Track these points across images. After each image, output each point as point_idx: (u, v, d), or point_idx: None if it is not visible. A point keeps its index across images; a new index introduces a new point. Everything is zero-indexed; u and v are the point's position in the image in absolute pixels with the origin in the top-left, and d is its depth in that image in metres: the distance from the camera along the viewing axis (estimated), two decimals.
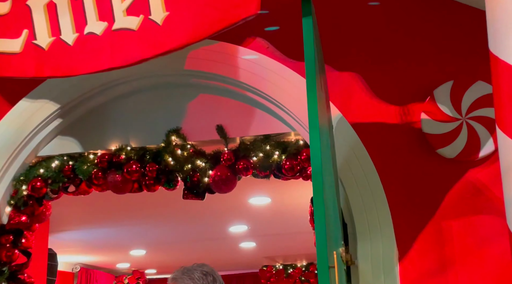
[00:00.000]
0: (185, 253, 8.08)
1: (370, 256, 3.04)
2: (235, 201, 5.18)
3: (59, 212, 5.44)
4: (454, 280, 2.93)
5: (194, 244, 7.34)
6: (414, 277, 2.99)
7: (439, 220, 3.02)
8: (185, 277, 2.29)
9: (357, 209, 3.11)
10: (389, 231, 3.05)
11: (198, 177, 3.41)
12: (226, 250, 7.92)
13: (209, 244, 7.39)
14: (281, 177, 3.41)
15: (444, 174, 3.04)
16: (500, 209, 2.14)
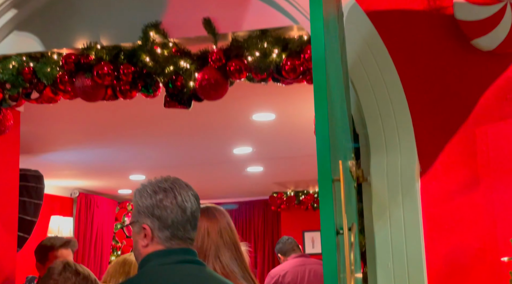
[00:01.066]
0: (188, 178, 7.67)
1: (385, 171, 2.53)
2: (237, 118, 4.69)
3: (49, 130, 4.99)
4: (486, 198, 2.42)
5: (198, 168, 6.92)
6: (438, 195, 2.48)
7: (472, 127, 2.47)
8: (136, 193, 1.85)
9: (371, 116, 2.57)
10: (409, 141, 2.52)
11: (182, 81, 2.87)
12: (233, 175, 7.51)
13: (214, 168, 6.97)
14: (281, 80, 2.87)
15: (480, 70, 2.48)
16: None
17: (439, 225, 2.44)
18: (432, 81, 2.54)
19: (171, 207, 1.83)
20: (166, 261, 1.80)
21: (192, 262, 1.84)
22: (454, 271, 2.39)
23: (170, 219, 1.82)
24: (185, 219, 1.83)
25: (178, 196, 1.83)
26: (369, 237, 2.52)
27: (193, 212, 1.85)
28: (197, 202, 1.89)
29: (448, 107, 2.51)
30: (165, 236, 1.83)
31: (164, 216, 1.83)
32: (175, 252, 1.83)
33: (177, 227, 1.83)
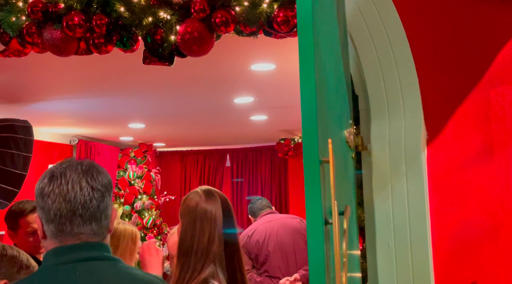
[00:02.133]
0: (191, 126, 7.45)
1: (387, 139, 2.25)
2: (236, 68, 4.37)
3: (38, 78, 4.72)
4: (501, 169, 2.14)
5: (199, 117, 6.66)
6: (447, 165, 2.20)
7: (487, 87, 2.17)
8: None
9: (371, 76, 2.27)
10: (415, 104, 2.23)
11: (162, 34, 2.56)
12: (236, 124, 7.24)
13: (216, 117, 6.70)
14: (272, 33, 2.55)
15: (498, 22, 2.15)
16: None
17: (447, 199, 2.18)
18: (442, 35, 2.22)
19: (52, 197, 1.52)
20: (62, 259, 1.53)
21: (99, 258, 1.56)
22: (463, 251, 2.14)
23: (52, 211, 1.52)
24: (71, 211, 1.51)
25: (65, 183, 1.51)
26: (369, 211, 2.27)
27: (85, 202, 1.52)
28: (96, 191, 1.55)
29: (460, 66, 2.19)
30: (51, 231, 1.53)
31: (46, 207, 1.53)
32: (75, 248, 1.54)
33: (61, 220, 1.52)
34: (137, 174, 9.05)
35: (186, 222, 2.17)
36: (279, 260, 4.44)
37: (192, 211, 2.18)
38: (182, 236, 2.16)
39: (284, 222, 4.60)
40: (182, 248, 2.15)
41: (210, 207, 2.21)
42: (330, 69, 1.91)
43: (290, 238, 4.47)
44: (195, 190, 2.31)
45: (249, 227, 4.81)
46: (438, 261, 2.14)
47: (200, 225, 2.15)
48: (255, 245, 4.50)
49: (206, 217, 2.18)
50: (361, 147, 2.29)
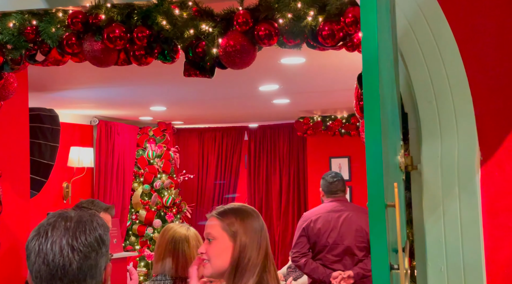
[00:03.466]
0: (210, 108, 7.40)
1: (439, 159, 2.19)
2: (266, 62, 4.30)
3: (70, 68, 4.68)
4: None
5: (221, 102, 6.60)
6: (502, 187, 2.16)
7: None
8: None
9: (423, 94, 2.21)
10: (468, 124, 2.17)
11: (204, 46, 2.50)
12: (258, 107, 7.18)
13: (238, 102, 6.65)
14: (316, 46, 2.48)
15: None
16: None
17: (502, 222, 2.14)
18: (497, 54, 2.14)
19: (33, 257, 1.40)
20: None
21: None
22: None
23: (33, 272, 1.41)
24: (50, 274, 1.39)
25: (45, 242, 1.39)
26: (418, 232, 2.24)
27: (63, 265, 1.39)
28: (77, 252, 1.41)
29: None
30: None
31: (29, 266, 1.42)
32: None
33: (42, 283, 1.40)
34: (156, 153, 9.05)
35: (248, 243, 2.12)
36: (335, 254, 4.41)
37: (257, 232, 2.15)
38: (240, 255, 2.12)
39: (350, 217, 4.45)
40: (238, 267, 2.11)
41: (262, 223, 2.20)
42: (388, 97, 1.86)
43: (352, 236, 4.39)
44: (245, 209, 2.21)
45: (314, 209, 4.65)
46: None
47: (262, 244, 2.13)
48: (317, 233, 4.42)
49: (266, 235, 2.17)
50: (411, 167, 2.24)
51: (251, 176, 10.14)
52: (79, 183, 7.40)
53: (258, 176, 10.13)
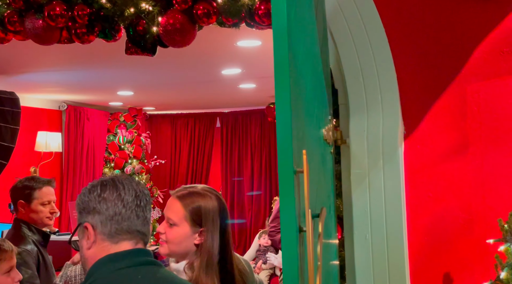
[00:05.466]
0: (179, 93, 7.45)
1: (366, 134, 2.30)
2: (222, 45, 4.37)
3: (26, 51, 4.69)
4: (476, 164, 2.21)
5: (188, 86, 6.66)
6: (423, 159, 2.27)
7: (462, 84, 2.21)
8: (79, 195, 1.65)
9: (351, 72, 2.30)
10: (393, 100, 2.27)
11: (144, 25, 2.56)
12: (225, 91, 7.25)
13: (204, 86, 6.71)
14: (254, 25, 2.56)
15: (474, 21, 2.17)
16: None
17: (423, 193, 2.25)
18: (420, 32, 2.24)
19: (111, 199, 1.62)
20: (119, 265, 1.61)
21: (149, 263, 1.65)
22: (438, 243, 2.23)
23: (111, 210, 1.62)
24: (129, 210, 1.62)
25: (119, 186, 1.62)
26: (347, 203, 2.34)
27: (139, 202, 1.63)
28: (143, 192, 1.66)
29: (438, 62, 2.23)
30: (109, 231, 1.63)
31: (104, 208, 1.62)
32: (129, 254, 1.63)
33: (119, 219, 1.61)
34: (127, 138, 9.08)
35: (209, 227, 2.07)
36: None
37: (218, 215, 2.09)
38: (211, 245, 2.07)
39: None
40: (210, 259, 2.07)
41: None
42: (307, 72, 1.94)
43: None
44: (206, 193, 2.14)
45: None
46: (413, 253, 2.23)
47: (222, 226, 2.10)
48: None
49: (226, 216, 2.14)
50: (340, 141, 2.34)
51: (224, 161, 10.22)
52: (47, 168, 7.42)
53: (231, 161, 10.22)
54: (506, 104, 2.16)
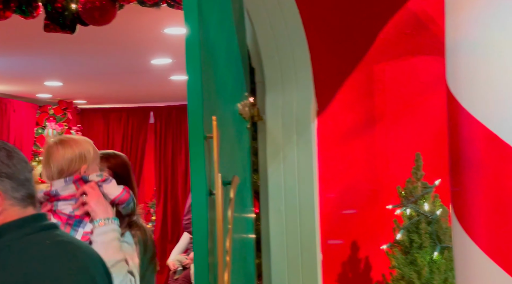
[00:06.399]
0: (110, 85, 7.37)
1: (281, 110, 2.39)
2: (148, 32, 4.37)
3: None
4: (383, 137, 2.35)
5: (118, 77, 6.60)
6: (335, 135, 2.39)
7: (370, 64, 2.34)
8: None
9: (267, 51, 2.39)
10: (306, 78, 2.37)
11: (63, 2, 2.57)
12: (156, 83, 7.22)
13: (134, 77, 6.67)
14: (175, 5, 2.61)
15: (380, 4, 2.30)
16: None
17: (334, 166, 2.37)
18: (332, 14, 2.35)
19: (18, 164, 1.62)
20: (27, 231, 1.60)
21: (50, 227, 1.67)
22: (346, 214, 2.35)
23: (22, 175, 1.62)
24: (30, 174, 1.59)
25: (17, 151, 1.62)
26: (263, 178, 2.43)
27: (29, 167, 1.62)
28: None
29: (347, 43, 2.35)
30: (21, 196, 1.63)
31: (16, 173, 1.62)
32: (34, 219, 1.63)
33: (28, 184, 1.62)
34: (57, 132, 8.90)
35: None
36: None
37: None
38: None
39: None
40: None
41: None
42: (221, 47, 2.02)
43: None
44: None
45: None
46: (324, 223, 2.34)
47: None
48: None
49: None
50: (257, 117, 2.42)
51: (158, 157, 10.16)
52: None
53: (164, 156, 10.17)
54: (408, 83, 2.30)
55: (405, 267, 1.97)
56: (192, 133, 1.70)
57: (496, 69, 1.41)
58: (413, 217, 2.01)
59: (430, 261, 1.96)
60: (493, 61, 1.41)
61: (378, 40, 2.31)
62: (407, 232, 2.00)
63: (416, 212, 2.01)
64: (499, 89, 1.40)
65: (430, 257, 1.96)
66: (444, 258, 1.95)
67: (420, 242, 1.98)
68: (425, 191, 2.02)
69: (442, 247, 1.96)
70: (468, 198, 1.46)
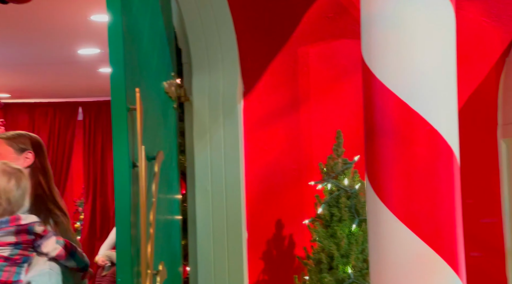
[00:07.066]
0: (35, 77, 7.16)
1: (207, 91, 2.42)
2: (74, 19, 4.28)
3: None
4: (307, 117, 2.42)
5: (43, 68, 6.42)
6: (261, 115, 2.44)
7: (294, 47, 2.41)
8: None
9: (193, 31, 2.41)
10: (232, 60, 2.41)
11: None
12: (83, 76, 7.06)
13: (60, 68, 6.50)
14: None
15: None
16: None
17: (259, 147, 2.42)
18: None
19: None
20: None
21: None
22: (272, 192, 2.41)
23: None
24: None
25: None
26: (190, 158, 2.45)
27: None
28: None
29: (273, 26, 2.41)
30: None
31: None
32: None
33: None
34: None
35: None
36: None
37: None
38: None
39: None
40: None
41: None
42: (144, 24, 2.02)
43: None
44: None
45: None
46: (250, 202, 2.39)
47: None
48: None
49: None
50: (184, 98, 2.44)
51: (86, 154, 9.93)
52: None
53: (94, 153, 9.95)
54: (331, 65, 2.38)
55: (326, 240, 2.04)
56: (115, 104, 1.71)
57: (407, 41, 1.49)
58: (333, 192, 2.09)
59: (349, 233, 2.04)
60: (404, 34, 1.49)
61: (302, 24, 2.38)
62: (328, 207, 2.08)
63: (336, 187, 2.09)
64: (409, 59, 1.48)
65: (349, 229, 2.04)
66: (362, 230, 2.03)
67: (340, 215, 2.06)
68: (345, 167, 2.11)
69: (360, 219, 2.04)
70: (381, 165, 1.53)
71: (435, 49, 1.50)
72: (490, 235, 2.26)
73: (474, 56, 2.29)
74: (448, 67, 1.52)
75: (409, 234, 1.51)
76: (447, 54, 1.52)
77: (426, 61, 1.49)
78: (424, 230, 1.49)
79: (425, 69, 1.49)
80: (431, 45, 1.49)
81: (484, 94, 2.30)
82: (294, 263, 2.34)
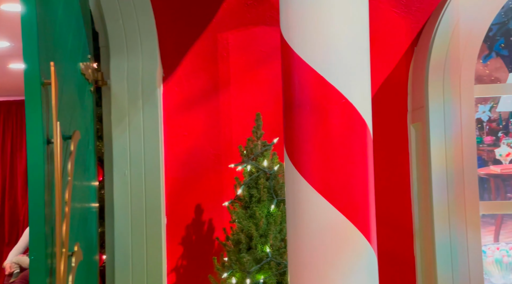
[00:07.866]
0: None
1: (126, 75, 2.38)
2: None
3: None
4: (226, 102, 2.44)
5: None
6: (180, 100, 2.43)
7: (214, 32, 2.42)
8: None
9: (110, 14, 2.37)
10: (152, 44, 2.39)
11: None
12: None
13: None
14: None
15: None
16: None
17: (179, 132, 2.41)
18: None
19: None
20: None
21: None
22: (191, 177, 2.41)
23: None
24: None
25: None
26: (108, 144, 2.40)
27: None
28: None
29: (193, 11, 2.42)
30: None
31: None
32: None
33: None
34: None
35: None
36: None
37: None
38: None
39: None
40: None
41: None
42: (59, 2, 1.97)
43: None
44: None
45: None
46: (169, 187, 2.37)
47: None
48: None
49: None
50: (101, 82, 2.39)
51: None
52: None
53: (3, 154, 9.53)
54: (250, 50, 2.42)
55: (245, 221, 2.06)
56: (28, 77, 1.65)
57: (323, 18, 1.54)
58: (253, 173, 2.11)
59: (267, 213, 2.07)
60: (321, 11, 1.54)
61: (221, 10, 2.40)
62: (247, 188, 2.10)
63: (256, 168, 2.11)
64: (325, 34, 1.53)
65: (268, 210, 2.07)
66: (280, 210, 2.07)
67: (259, 196, 2.08)
68: (264, 149, 2.14)
69: (279, 200, 2.08)
70: (299, 137, 1.57)
71: (350, 27, 1.56)
72: (400, 215, 2.36)
73: (385, 45, 2.39)
74: (361, 44, 1.58)
75: (325, 204, 1.55)
76: (361, 31, 1.58)
77: (341, 38, 1.54)
78: (339, 200, 1.53)
79: (341, 45, 1.54)
80: (346, 22, 1.55)
81: (395, 82, 2.40)
82: (214, 247, 2.35)
